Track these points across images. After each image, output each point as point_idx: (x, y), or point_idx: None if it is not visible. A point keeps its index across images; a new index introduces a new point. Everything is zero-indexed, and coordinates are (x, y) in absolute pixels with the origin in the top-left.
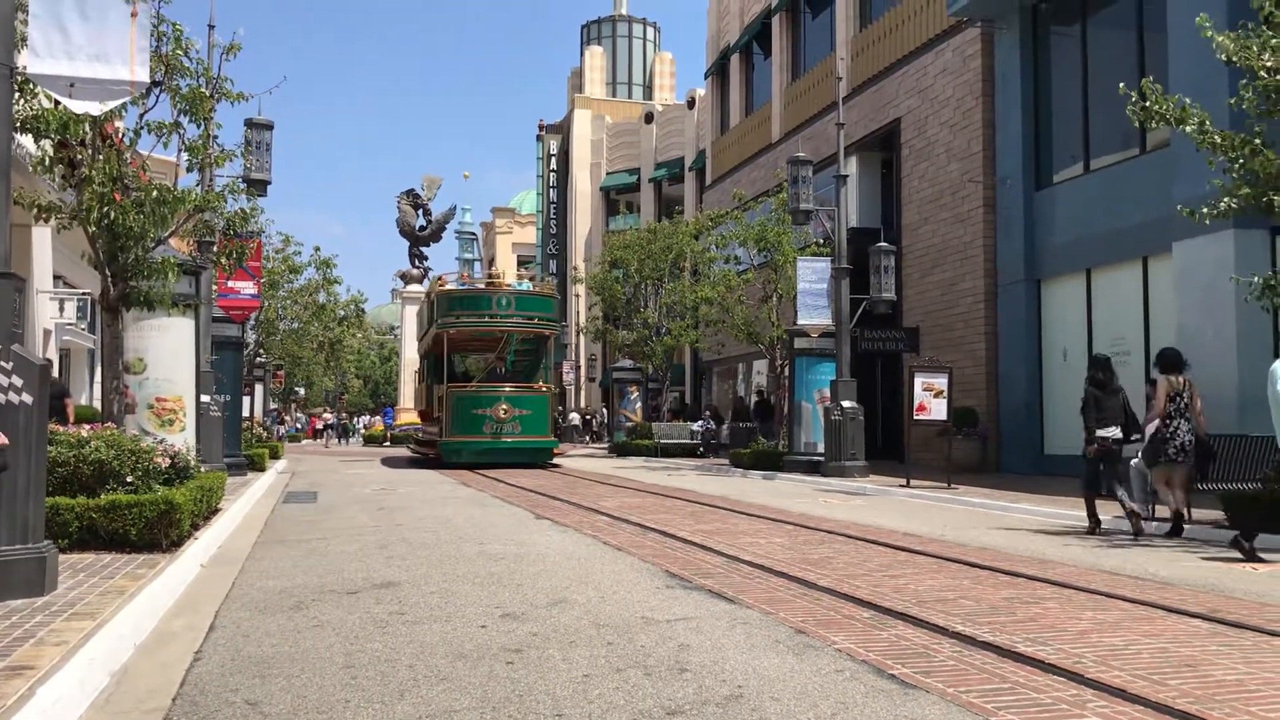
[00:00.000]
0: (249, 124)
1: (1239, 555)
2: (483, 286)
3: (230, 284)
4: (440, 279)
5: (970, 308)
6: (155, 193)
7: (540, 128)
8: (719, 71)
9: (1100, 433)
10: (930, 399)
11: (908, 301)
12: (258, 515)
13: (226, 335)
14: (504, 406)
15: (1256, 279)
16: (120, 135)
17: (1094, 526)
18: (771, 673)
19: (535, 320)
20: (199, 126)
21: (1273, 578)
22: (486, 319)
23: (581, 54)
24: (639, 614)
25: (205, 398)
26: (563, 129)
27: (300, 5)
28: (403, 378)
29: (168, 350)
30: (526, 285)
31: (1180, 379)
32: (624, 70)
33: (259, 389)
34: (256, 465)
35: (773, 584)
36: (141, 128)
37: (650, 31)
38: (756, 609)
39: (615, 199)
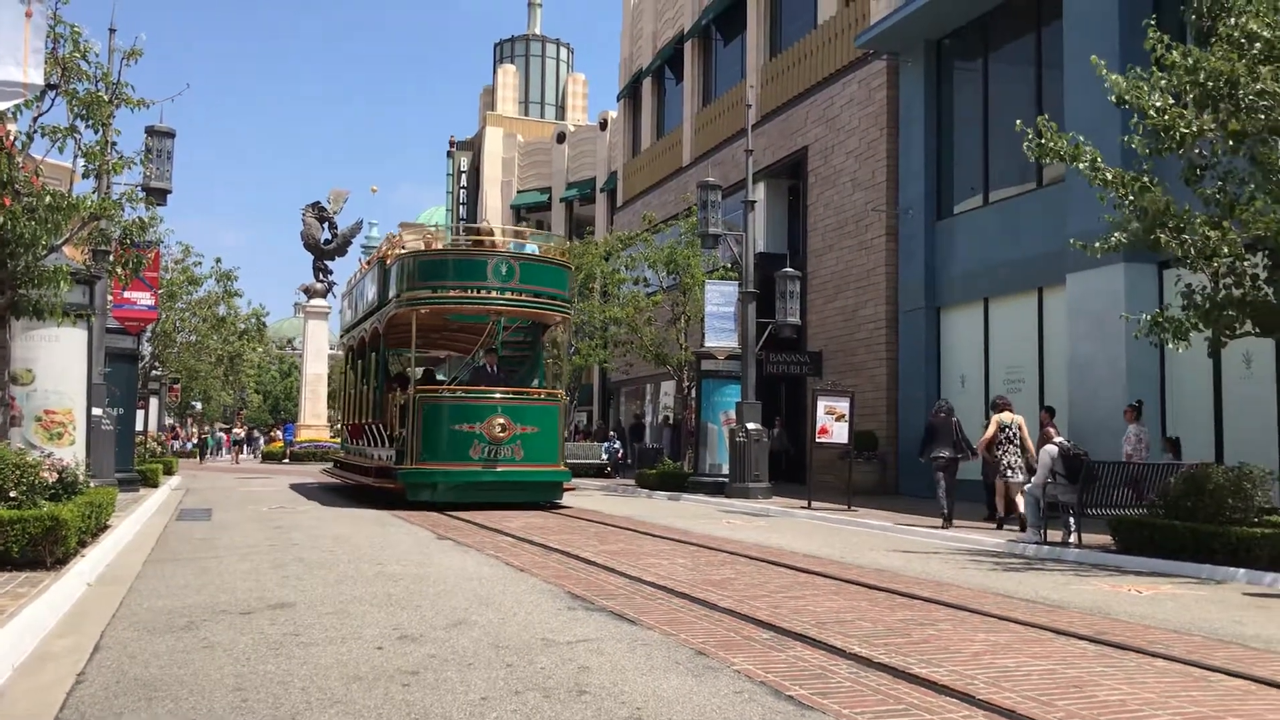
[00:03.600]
0: (150, 131)
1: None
2: (468, 245)
3: (126, 294)
4: (397, 238)
5: (872, 334)
6: (48, 198)
7: (451, 144)
8: (631, 94)
9: (933, 455)
10: (832, 422)
11: (812, 326)
12: (149, 532)
13: (121, 347)
14: (500, 421)
15: (1146, 316)
16: (12, 138)
17: (946, 522)
18: (671, 694)
19: (544, 299)
20: (97, 132)
21: (1154, 600)
22: (476, 294)
23: (494, 72)
24: (540, 635)
25: (97, 411)
26: (474, 146)
27: (206, 15)
28: (304, 394)
29: (58, 361)
30: (532, 247)
31: (1009, 416)
32: (536, 89)
33: (154, 402)
34: (150, 481)
35: (674, 605)
36: (35, 131)
37: (563, 52)
38: (658, 630)
39: (526, 217)
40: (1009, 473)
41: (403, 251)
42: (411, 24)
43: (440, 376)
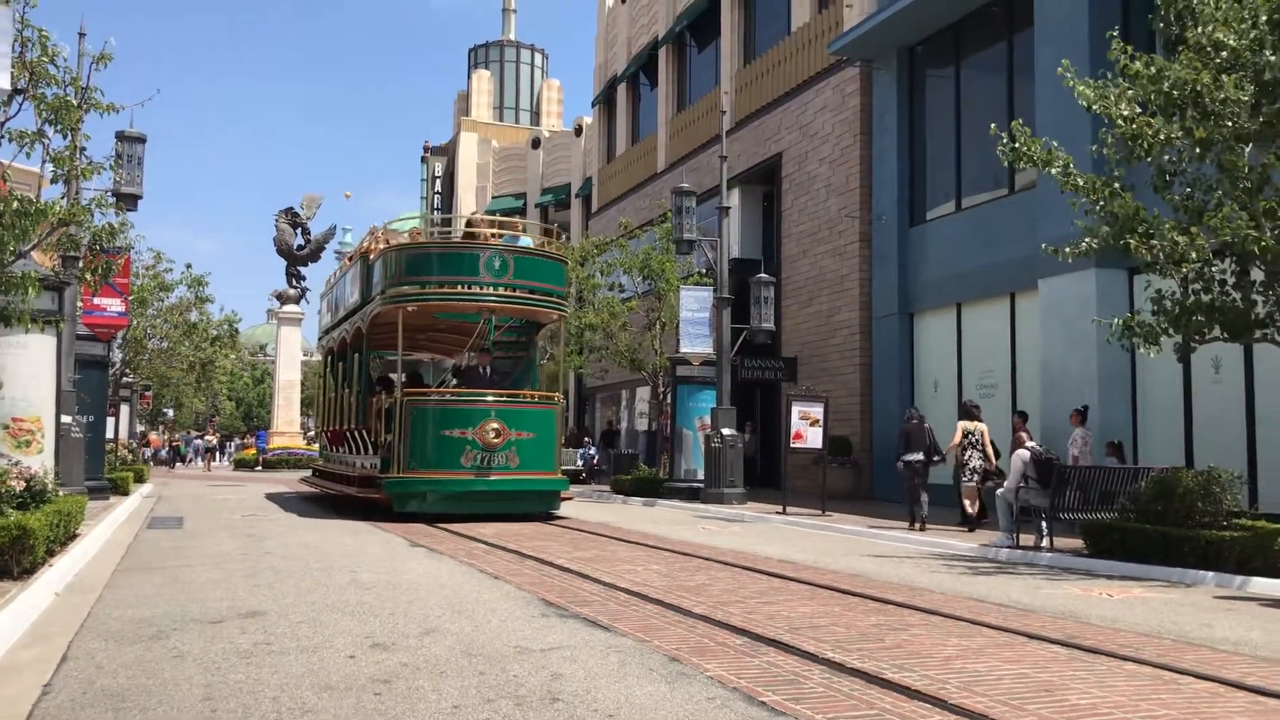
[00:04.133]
0: (120, 136)
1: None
2: (459, 239)
3: (96, 301)
4: (380, 232)
5: (846, 339)
6: (16, 204)
7: (425, 149)
8: (606, 100)
9: (906, 457)
10: (807, 427)
11: (786, 332)
12: (119, 541)
13: (91, 354)
14: (494, 426)
15: (1117, 321)
16: None
17: (911, 525)
18: (644, 701)
19: (540, 295)
20: (65, 137)
21: (1125, 604)
22: (468, 289)
23: (469, 77)
24: (513, 643)
25: (67, 418)
26: (448, 151)
27: (179, 20)
28: (276, 400)
29: (26, 369)
30: (527, 240)
31: (974, 424)
32: (511, 95)
33: (125, 409)
34: (120, 489)
35: (648, 612)
36: (2, 135)
37: (538, 58)
38: (631, 637)
39: None
40: (971, 476)
41: (392, 246)
42: (386, 29)
43: (426, 381)
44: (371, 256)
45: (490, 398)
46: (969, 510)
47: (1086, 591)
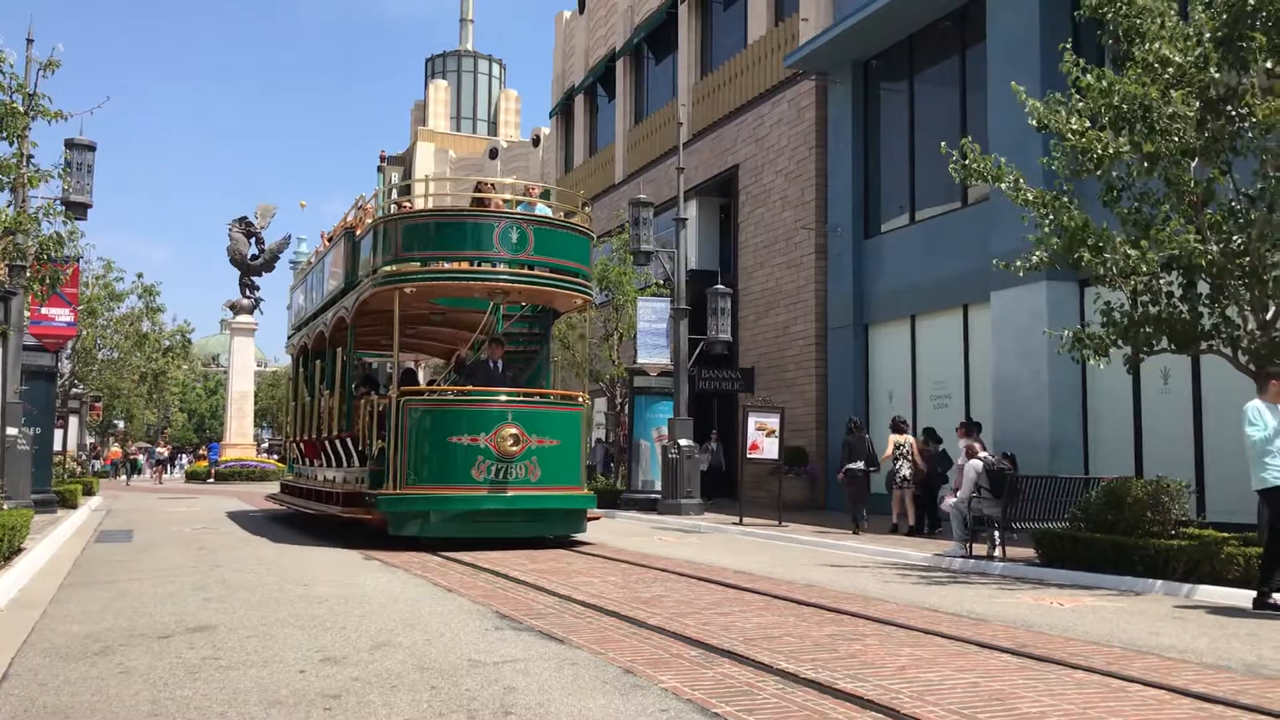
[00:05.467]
0: (69, 144)
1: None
2: (467, 206)
3: (44, 311)
4: (368, 205)
5: (802, 350)
6: None
7: (381, 158)
8: (564, 111)
9: (849, 466)
10: (763, 438)
11: (743, 343)
12: (66, 555)
13: (39, 365)
14: (512, 431)
15: (1067, 332)
16: None
17: (855, 530)
18: (597, 714)
19: (564, 275)
20: (12, 144)
21: (1076, 613)
22: (478, 267)
23: (426, 87)
24: (466, 656)
25: (13, 430)
26: (405, 161)
27: (130, 24)
28: (229, 411)
29: None
30: (544, 209)
31: (903, 437)
32: (469, 105)
33: (74, 421)
34: (69, 502)
35: (603, 623)
36: None
37: (496, 68)
38: (586, 649)
39: None
40: (904, 485)
41: (391, 216)
42: (342, 36)
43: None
44: (359, 232)
45: (504, 398)
46: (908, 517)
47: (1039, 600)
